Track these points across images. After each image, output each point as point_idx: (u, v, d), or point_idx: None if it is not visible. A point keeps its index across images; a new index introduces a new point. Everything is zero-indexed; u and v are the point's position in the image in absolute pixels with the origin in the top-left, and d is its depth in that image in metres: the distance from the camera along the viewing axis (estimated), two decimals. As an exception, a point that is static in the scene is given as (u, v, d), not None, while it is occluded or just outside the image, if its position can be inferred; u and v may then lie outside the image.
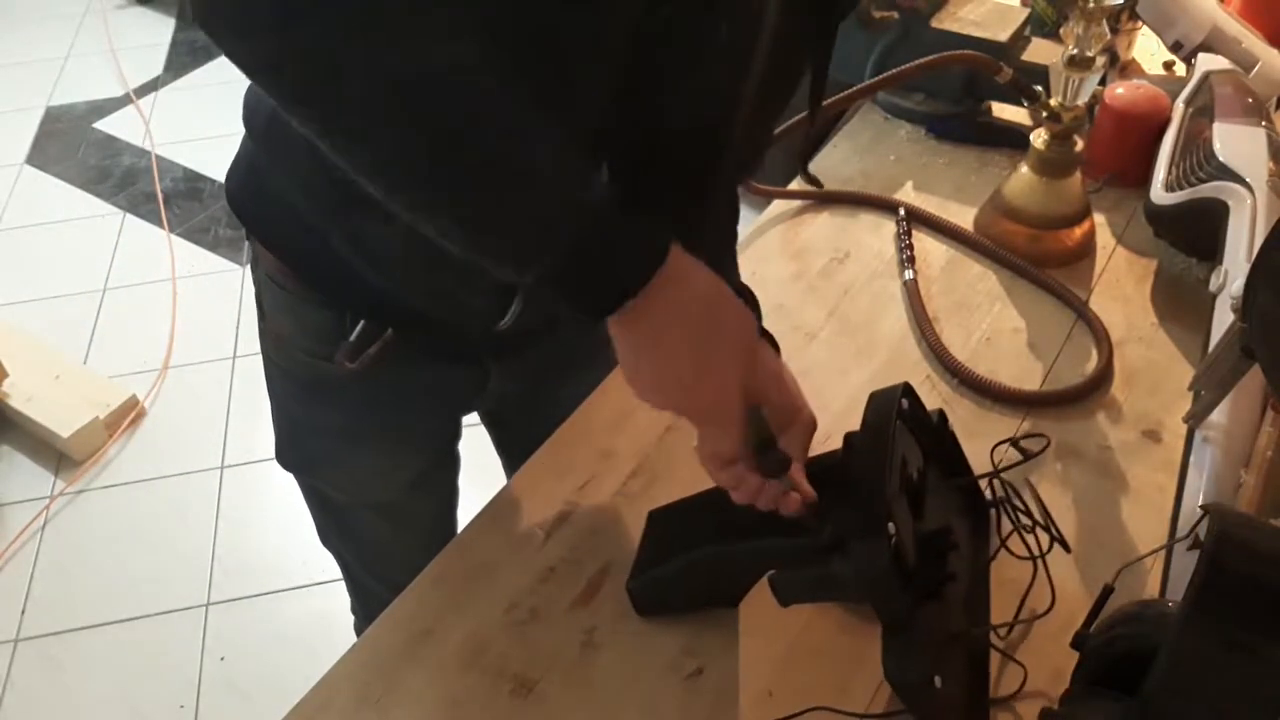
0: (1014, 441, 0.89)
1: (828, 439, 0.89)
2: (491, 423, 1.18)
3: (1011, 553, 0.80)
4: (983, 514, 0.84)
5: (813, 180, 0.92)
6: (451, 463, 1.07)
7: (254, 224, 0.84)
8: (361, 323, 0.82)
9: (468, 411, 1.05)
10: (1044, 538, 0.81)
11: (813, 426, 0.71)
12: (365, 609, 1.19)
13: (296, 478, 1.03)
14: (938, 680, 0.66)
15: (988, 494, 0.84)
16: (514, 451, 0.94)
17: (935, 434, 0.80)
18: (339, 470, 1.00)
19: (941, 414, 0.81)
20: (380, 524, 1.05)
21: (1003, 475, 0.84)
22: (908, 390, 0.75)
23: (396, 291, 0.79)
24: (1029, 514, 0.81)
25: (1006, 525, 0.82)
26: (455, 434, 1.04)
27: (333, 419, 0.93)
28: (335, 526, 1.09)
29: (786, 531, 0.72)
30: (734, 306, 0.63)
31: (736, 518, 0.76)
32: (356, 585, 1.17)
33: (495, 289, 0.78)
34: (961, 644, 0.74)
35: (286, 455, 1.00)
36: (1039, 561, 0.79)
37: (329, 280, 0.82)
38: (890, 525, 0.64)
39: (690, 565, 0.76)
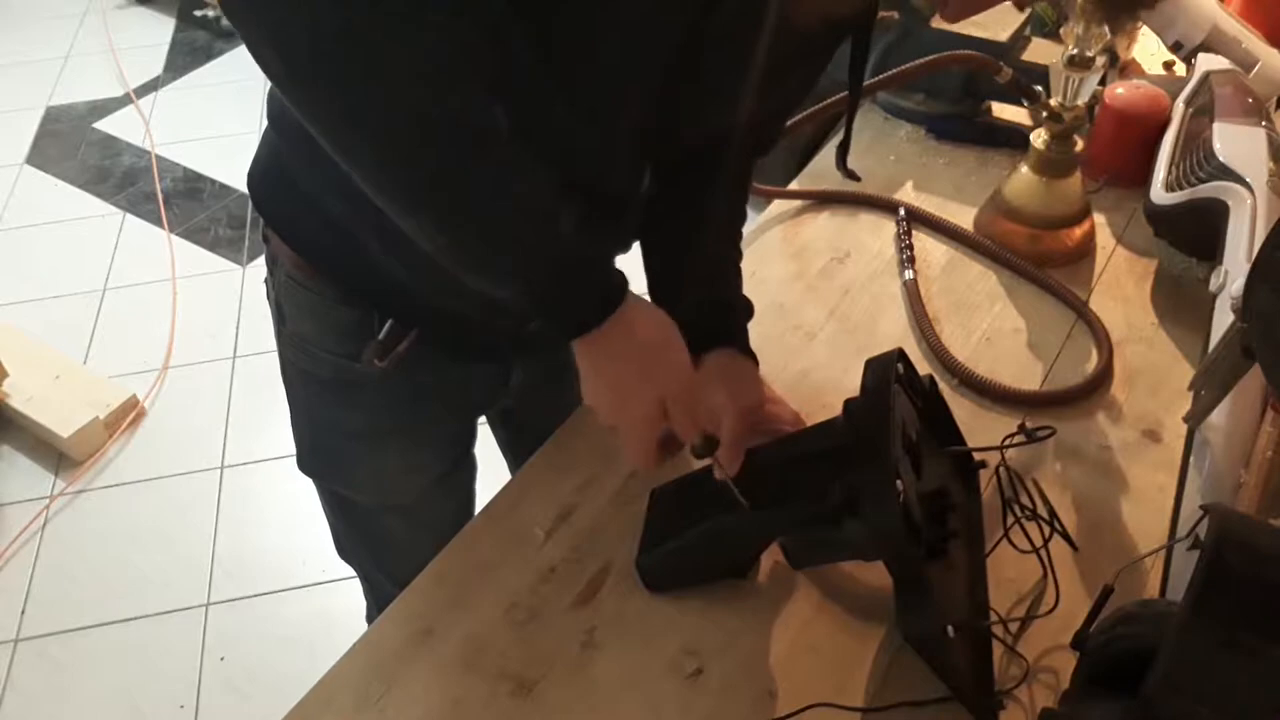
0: (1024, 430, 0.89)
1: (828, 439, 0.89)
2: (503, 423, 1.18)
3: (1013, 545, 0.80)
4: (974, 477, 0.87)
5: (851, 174, 0.95)
6: (470, 465, 1.07)
7: (277, 220, 0.84)
8: (390, 321, 0.82)
9: (488, 409, 1.05)
10: (1045, 529, 0.81)
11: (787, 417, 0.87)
12: None
13: (318, 485, 1.03)
14: (950, 630, 0.69)
15: (990, 481, 0.86)
16: (523, 452, 0.94)
17: (927, 399, 0.83)
18: (363, 472, 0.99)
19: (932, 379, 0.84)
20: (402, 527, 1.03)
21: (1009, 464, 0.85)
22: (901, 355, 0.78)
23: (429, 291, 0.79)
24: (1033, 506, 0.81)
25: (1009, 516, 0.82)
26: (473, 434, 1.04)
27: (358, 419, 0.93)
28: (357, 533, 1.08)
29: (793, 498, 0.75)
30: (670, 355, 0.71)
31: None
32: (377, 594, 1.15)
33: None
34: (967, 598, 0.77)
35: (309, 461, 0.99)
36: (1043, 555, 0.80)
37: (356, 278, 0.81)
38: (898, 482, 0.66)
39: (700, 536, 0.77)
